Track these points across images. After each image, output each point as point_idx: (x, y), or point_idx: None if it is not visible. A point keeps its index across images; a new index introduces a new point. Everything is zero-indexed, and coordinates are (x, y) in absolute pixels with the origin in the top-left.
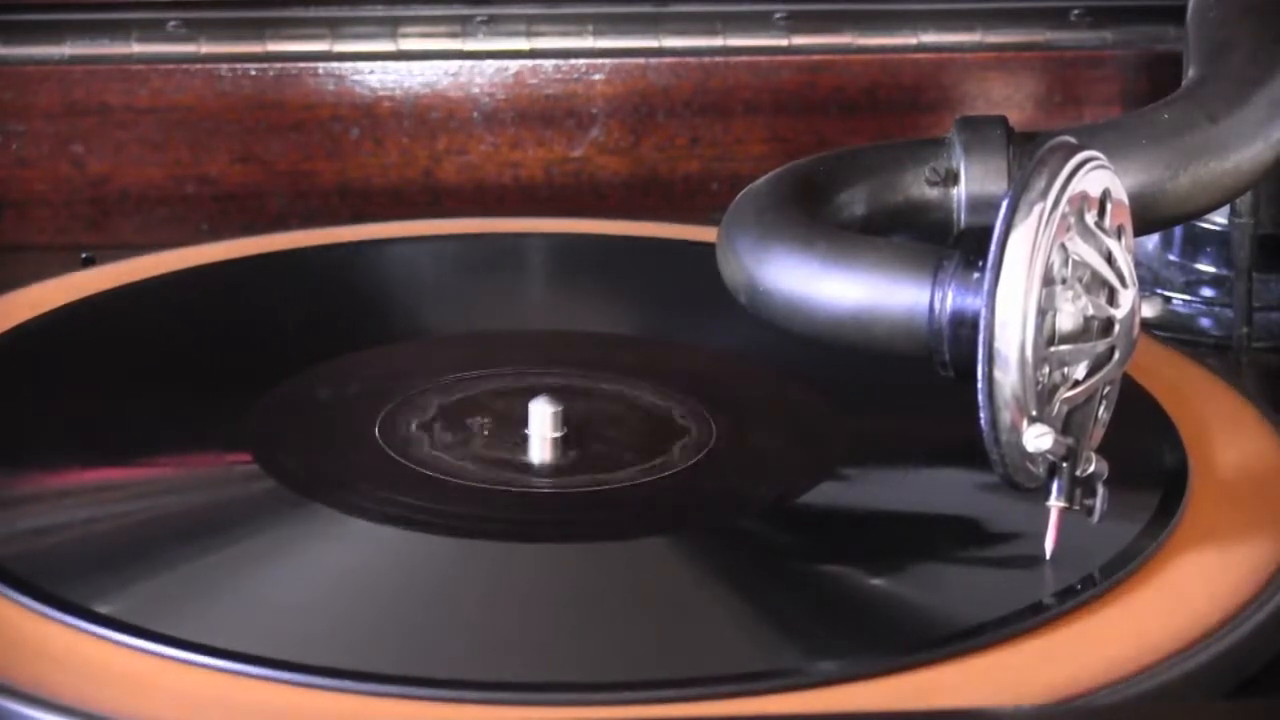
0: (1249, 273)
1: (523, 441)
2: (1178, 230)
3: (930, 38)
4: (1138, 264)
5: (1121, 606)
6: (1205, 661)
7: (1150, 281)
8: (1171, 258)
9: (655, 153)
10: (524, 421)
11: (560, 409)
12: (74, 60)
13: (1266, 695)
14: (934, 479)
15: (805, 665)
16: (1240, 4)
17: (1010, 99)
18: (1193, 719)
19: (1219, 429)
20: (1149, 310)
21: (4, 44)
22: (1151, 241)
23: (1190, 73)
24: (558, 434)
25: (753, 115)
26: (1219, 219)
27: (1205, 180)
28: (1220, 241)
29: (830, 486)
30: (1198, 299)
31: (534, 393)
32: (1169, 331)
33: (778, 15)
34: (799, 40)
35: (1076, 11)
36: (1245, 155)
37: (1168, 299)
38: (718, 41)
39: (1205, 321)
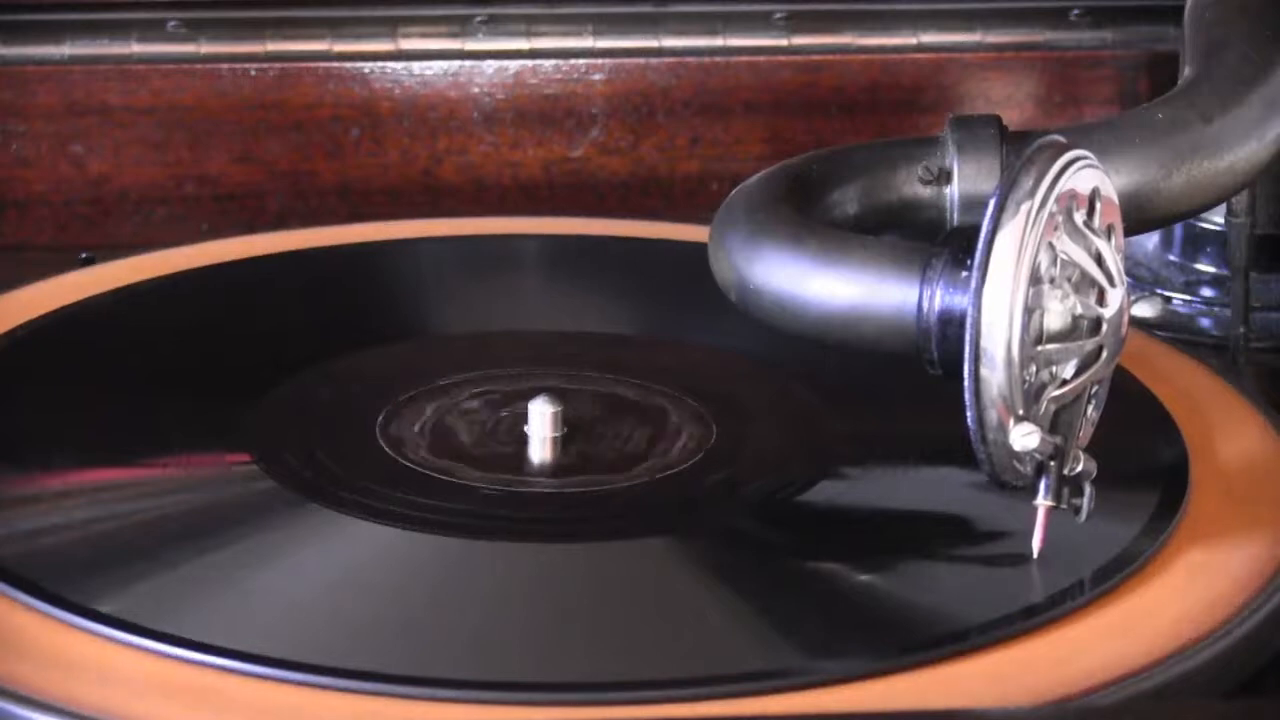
0: (1246, 272)
1: (523, 441)
2: (1177, 230)
3: (930, 38)
4: (1137, 264)
5: (1122, 606)
6: (1205, 661)
7: (1150, 281)
8: (1171, 258)
9: (655, 153)
10: (524, 421)
11: (560, 409)
12: (74, 60)
13: (1266, 695)
14: (934, 479)
15: (804, 665)
16: (1235, 4)
17: (1010, 99)
18: (1192, 719)
19: (1219, 429)
20: (1149, 310)
21: (4, 44)
22: (1151, 241)
23: (1185, 72)
24: (557, 434)
25: (753, 115)
26: (1218, 219)
27: (1199, 180)
28: (1220, 241)
29: (829, 486)
30: (1197, 299)
31: (534, 393)
32: (1169, 331)
33: (778, 15)
34: (799, 40)
35: (1076, 11)
36: (1239, 155)
37: (1168, 299)
38: (718, 41)
39: (1205, 321)
